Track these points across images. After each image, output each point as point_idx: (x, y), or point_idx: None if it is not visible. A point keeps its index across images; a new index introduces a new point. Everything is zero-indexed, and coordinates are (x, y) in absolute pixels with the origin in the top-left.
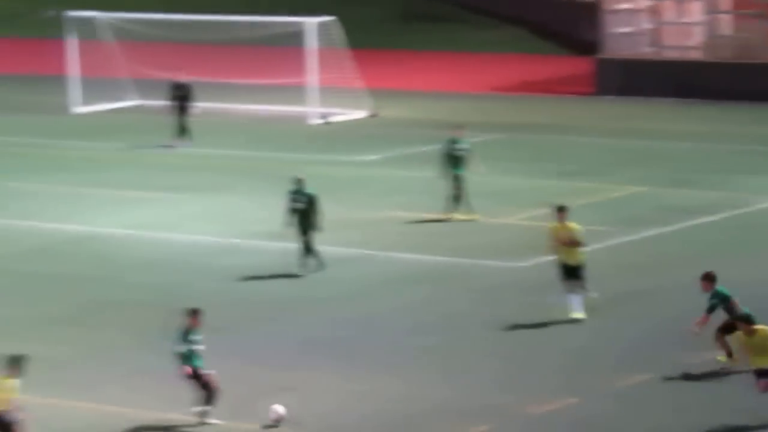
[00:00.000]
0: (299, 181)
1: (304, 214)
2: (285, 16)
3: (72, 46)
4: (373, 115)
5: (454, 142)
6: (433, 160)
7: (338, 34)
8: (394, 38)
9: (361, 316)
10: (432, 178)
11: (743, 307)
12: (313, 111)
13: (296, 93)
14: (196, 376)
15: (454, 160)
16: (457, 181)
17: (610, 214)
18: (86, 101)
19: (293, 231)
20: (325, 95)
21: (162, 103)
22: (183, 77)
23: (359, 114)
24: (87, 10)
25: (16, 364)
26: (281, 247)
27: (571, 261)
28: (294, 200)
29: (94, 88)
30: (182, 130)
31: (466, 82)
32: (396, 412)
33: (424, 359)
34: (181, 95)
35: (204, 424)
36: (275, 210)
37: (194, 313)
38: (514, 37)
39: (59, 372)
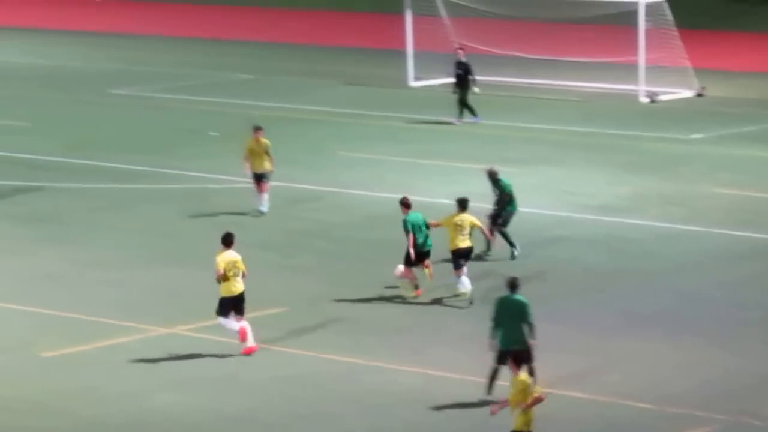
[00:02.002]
0: (492, 173)
1: (497, 202)
2: None
3: (410, 21)
4: (700, 94)
5: None
6: (760, 139)
7: (667, 14)
8: (722, 19)
9: (684, 289)
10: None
11: None
12: (642, 89)
13: (626, 71)
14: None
15: None
16: None
17: None
18: (422, 75)
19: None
20: (653, 74)
21: (488, 78)
22: (462, 55)
23: (686, 93)
24: None
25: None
26: (609, 222)
27: None
28: (493, 191)
29: (429, 63)
30: (463, 107)
31: None
32: (720, 384)
33: (748, 333)
34: (461, 73)
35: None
36: (603, 185)
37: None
38: None
39: (391, 336)
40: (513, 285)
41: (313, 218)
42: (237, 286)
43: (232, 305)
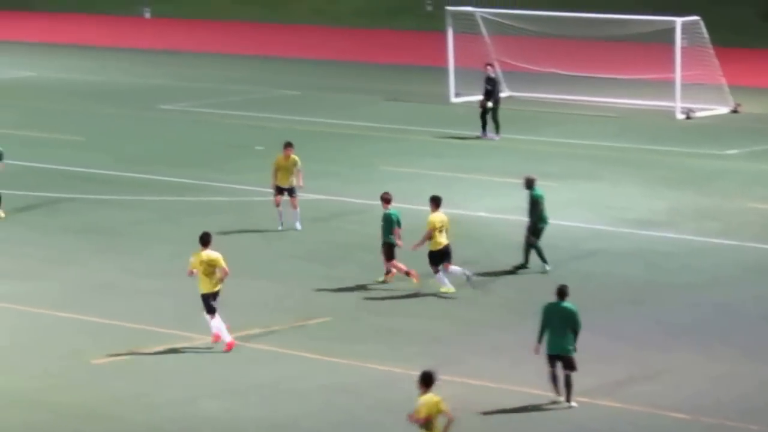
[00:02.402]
0: (528, 181)
1: (530, 213)
2: (652, 15)
3: (451, 39)
4: (735, 111)
5: None
6: None
7: (703, 32)
8: (757, 37)
9: (719, 302)
10: None
11: None
12: (679, 105)
13: (663, 88)
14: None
15: None
16: None
17: None
18: (462, 91)
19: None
20: (689, 90)
21: (527, 94)
22: (492, 72)
23: (722, 109)
24: (463, 5)
25: None
26: (645, 235)
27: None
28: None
29: (469, 79)
30: (484, 122)
31: None
32: (755, 396)
33: None
34: (490, 88)
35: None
36: (639, 199)
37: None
38: None
39: (430, 346)
40: (562, 293)
41: (356, 230)
42: (214, 284)
43: (214, 301)
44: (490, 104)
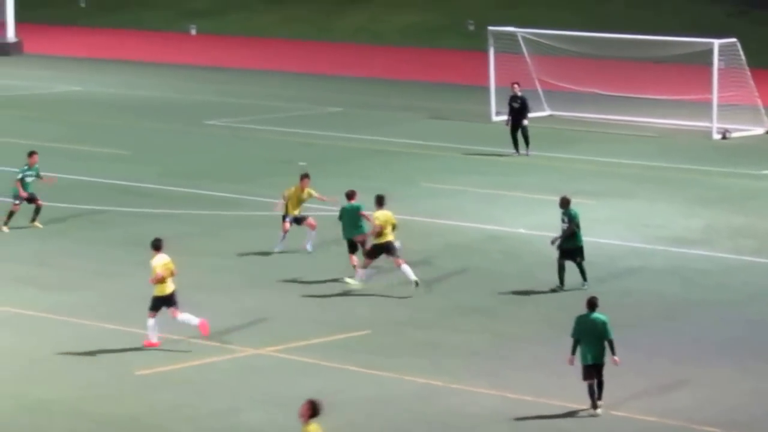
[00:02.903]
0: (564, 201)
1: (564, 231)
2: (690, 37)
3: (492, 58)
4: None
5: None
6: None
7: (739, 54)
8: None
9: (754, 319)
10: None
11: None
12: (715, 126)
13: (700, 108)
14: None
15: None
16: None
17: None
18: (503, 110)
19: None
20: (726, 111)
21: (567, 114)
22: (518, 90)
23: (757, 130)
24: (505, 25)
25: None
26: (681, 253)
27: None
28: (561, 219)
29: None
30: (516, 140)
31: None
32: None
33: None
34: (517, 107)
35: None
36: (676, 218)
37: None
38: None
39: (468, 359)
40: (592, 304)
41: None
42: (170, 286)
43: (164, 303)
44: (526, 122)
